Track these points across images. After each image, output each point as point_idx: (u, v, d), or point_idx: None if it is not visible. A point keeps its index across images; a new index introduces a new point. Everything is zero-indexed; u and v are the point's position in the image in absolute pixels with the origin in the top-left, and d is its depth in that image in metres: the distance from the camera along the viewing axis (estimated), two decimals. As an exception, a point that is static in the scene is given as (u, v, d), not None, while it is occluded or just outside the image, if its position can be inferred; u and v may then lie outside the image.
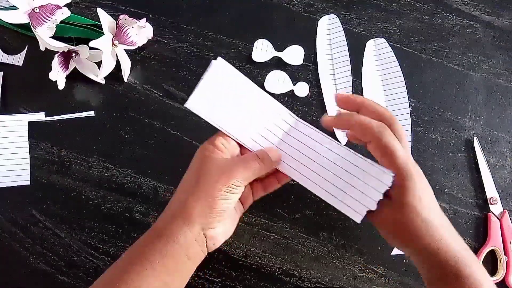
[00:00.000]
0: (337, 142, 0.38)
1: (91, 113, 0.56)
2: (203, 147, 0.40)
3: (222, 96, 0.39)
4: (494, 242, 0.52)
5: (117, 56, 0.54)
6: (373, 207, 0.34)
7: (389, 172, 0.34)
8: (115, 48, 0.53)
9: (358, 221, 0.34)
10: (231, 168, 0.38)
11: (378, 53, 0.59)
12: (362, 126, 0.37)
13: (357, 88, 0.57)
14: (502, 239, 0.52)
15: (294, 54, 0.58)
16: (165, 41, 0.59)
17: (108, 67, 0.54)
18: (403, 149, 0.36)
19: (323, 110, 0.56)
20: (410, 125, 0.56)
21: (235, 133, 0.40)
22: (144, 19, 0.54)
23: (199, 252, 0.39)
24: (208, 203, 0.37)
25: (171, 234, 0.37)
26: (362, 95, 0.57)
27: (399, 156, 0.36)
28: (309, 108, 0.57)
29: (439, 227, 0.36)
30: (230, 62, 0.58)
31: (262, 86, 0.57)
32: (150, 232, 0.39)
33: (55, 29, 0.52)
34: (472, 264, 0.36)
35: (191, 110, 0.40)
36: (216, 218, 0.38)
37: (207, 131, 0.55)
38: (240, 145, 0.42)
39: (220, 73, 0.39)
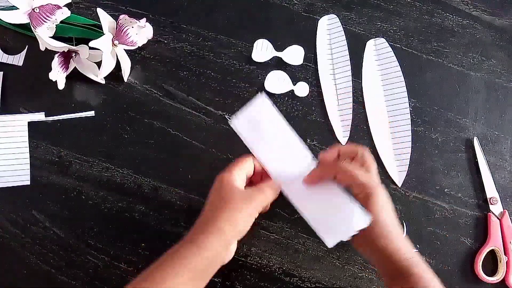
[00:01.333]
0: (338, 186, 0.44)
1: (91, 113, 0.56)
2: (224, 176, 0.45)
3: (260, 127, 0.46)
4: (494, 242, 0.52)
5: (117, 56, 0.54)
6: (346, 238, 0.42)
7: (368, 216, 0.41)
8: (115, 48, 0.53)
9: (330, 246, 0.42)
10: (253, 197, 0.44)
11: (378, 53, 0.59)
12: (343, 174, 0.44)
13: (357, 88, 0.57)
14: (502, 239, 0.52)
15: (294, 54, 0.58)
16: (165, 41, 0.59)
17: (108, 67, 0.54)
18: (364, 172, 0.43)
19: (323, 110, 0.56)
20: (410, 125, 0.56)
21: (263, 159, 0.46)
22: (144, 19, 0.54)
23: (222, 263, 0.44)
24: (234, 226, 0.42)
25: (207, 245, 0.41)
26: (362, 95, 0.57)
27: (360, 176, 0.43)
28: (309, 108, 0.57)
29: (396, 231, 0.42)
30: (230, 62, 0.58)
31: (262, 86, 0.57)
32: (187, 243, 0.42)
33: (55, 29, 0.52)
34: (421, 264, 0.41)
35: (234, 129, 0.47)
36: (238, 237, 0.44)
37: (207, 132, 0.56)
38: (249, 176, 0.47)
39: (262, 106, 0.47)
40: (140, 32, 0.55)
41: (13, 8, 0.50)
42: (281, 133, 0.46)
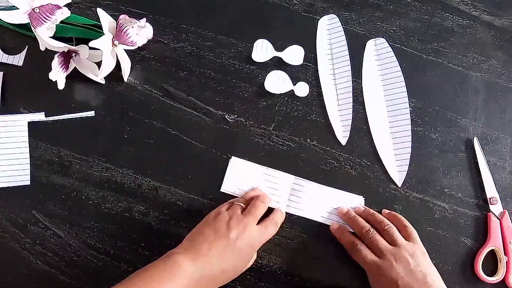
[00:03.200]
0: (328, 187, 0.54)
1: (91, 113, 0.56)
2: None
3: (242, 178, 0.54)
4: (494, 242, 0.52)
5: (117, 56, 0.54)
6: None
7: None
8: (115, 48, 0.53)
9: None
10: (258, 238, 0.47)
11: (378, 53, 0.59)
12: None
13: (357, 88, 0.57)
14: (502, 239, 0.52)
15: (294, 54, 0.58)
16: (165, 41, 0.59)
17: (108, 67, 0.54)
18: (369, 254, 0.47)
19: (323, 110, 0.56)
20: (410, 125, 0.56)
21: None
22: (144, 19, 0.54)
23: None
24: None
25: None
26: (362, 95, 0.57)
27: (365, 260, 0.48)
28: (309, 108, 0.57)
29: None
30: (230, 62, 0.58)
31: (262, 86, 0.57)
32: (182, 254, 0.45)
33: (55, 29, 0.52)
34: None
35: (226, 193, 0.54)
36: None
37: (207, 132, 0.56)
38: None
39: (236, 165, 0.55)
40: (140, 32, 0.55)
41: (13, 8, 0.50)
42: (259, 171, 0.55)
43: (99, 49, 0.52)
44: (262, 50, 0.58)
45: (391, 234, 0.48)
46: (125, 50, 0.55)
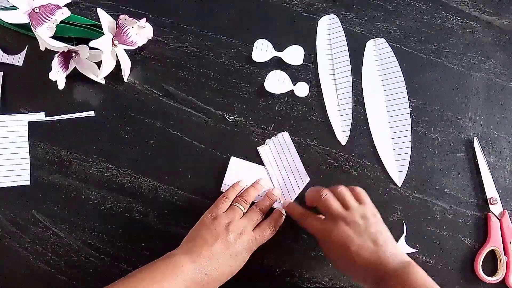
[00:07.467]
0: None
1: (91, 113, 0.56)
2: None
3: (242, 178, 0.54)
4: (494, 242, 0.52)
5: (117, 56, 0.54)
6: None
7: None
8: (115, 48, 0.53)
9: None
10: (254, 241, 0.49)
11: (378, 53, 0.59)
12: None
13: (357, 88, 0.57)
14: (502, 239, 0.52)
15: (294, 54, 0.58)
16: (165, 41, 0.59)
17: (108, 67, 0.54)
18: (320, 222, 0.48)
19: (323, 110, 0.56)
20: (410, 125, 0.56)
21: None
22: (144, 19, 0.54)
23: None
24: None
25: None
26: (362, 95, 0.57)
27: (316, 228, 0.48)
28: (309, 108, 0.57)
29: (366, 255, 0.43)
30: (230, 62, 0.58)
31: (262, 86, 0.57)
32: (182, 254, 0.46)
33: (55, 29, 0.52)
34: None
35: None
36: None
37: (207, 132, 0.56)
38: None
39: (235, 164, 0.55)
40: (140, 32, 0.55)
41: (13, 8, 0.50)
42: (258, 171, 0.55)
43: (99, 49, 0.52)
44: (262, 50, 0.58)
45: (343, 197, 0.47)
46: (125, 50, 0.55)
